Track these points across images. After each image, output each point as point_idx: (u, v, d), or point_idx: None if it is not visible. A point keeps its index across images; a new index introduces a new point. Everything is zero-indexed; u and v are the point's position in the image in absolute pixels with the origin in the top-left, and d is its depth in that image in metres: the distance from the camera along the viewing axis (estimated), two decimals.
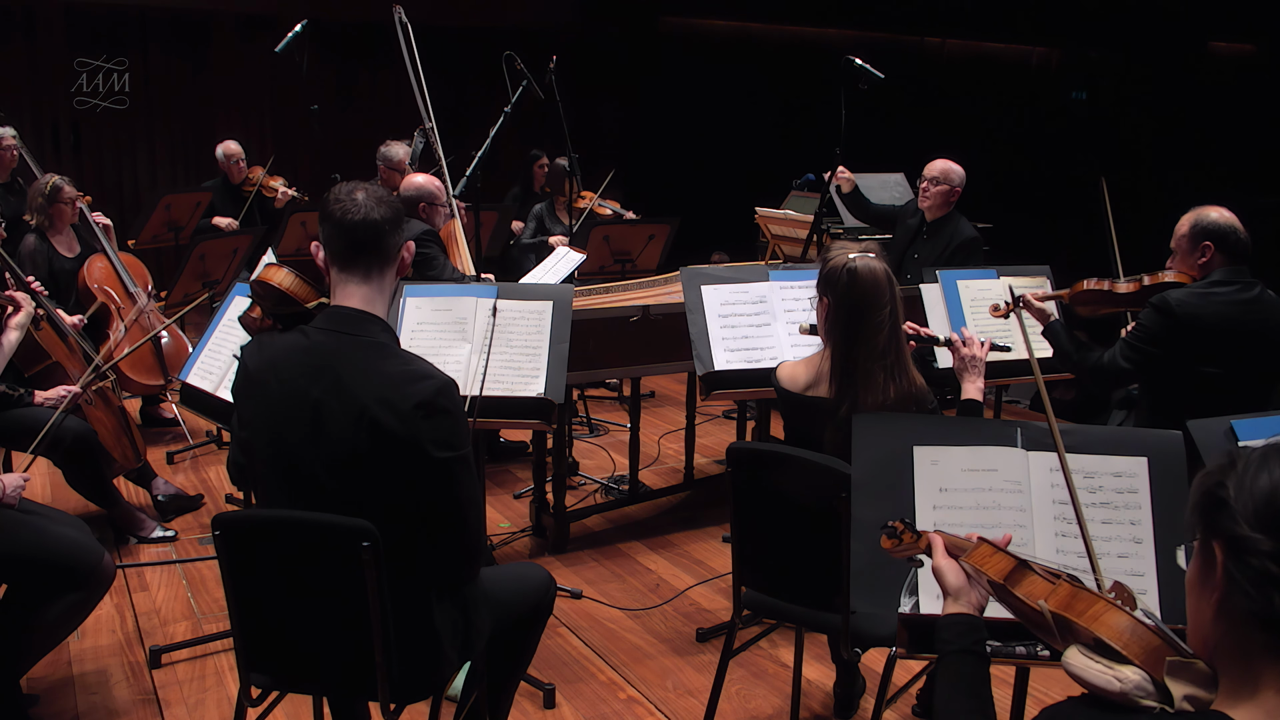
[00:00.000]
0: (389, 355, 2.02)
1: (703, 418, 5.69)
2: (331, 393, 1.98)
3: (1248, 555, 1.10)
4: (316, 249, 2.14)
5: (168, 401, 5.47)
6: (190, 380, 3.45)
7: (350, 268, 2.08)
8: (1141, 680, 1.20)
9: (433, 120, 4.71)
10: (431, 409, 1.96)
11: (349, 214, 2.04)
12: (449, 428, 1.99)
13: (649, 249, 5.64)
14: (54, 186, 4.89)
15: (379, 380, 1.97)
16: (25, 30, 8.32)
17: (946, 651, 1.55)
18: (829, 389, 2.54)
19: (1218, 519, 1.14)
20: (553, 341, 3.38)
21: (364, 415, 1.95)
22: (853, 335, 2.50)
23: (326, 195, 2.11)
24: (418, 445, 1.95)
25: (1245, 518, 1.11)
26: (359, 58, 9.34)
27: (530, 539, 4.33)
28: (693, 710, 3.09)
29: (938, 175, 4.75)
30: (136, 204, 7.94)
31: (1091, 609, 1.33)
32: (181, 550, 4.11)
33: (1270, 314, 3.16)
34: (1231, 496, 1.13)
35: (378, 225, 2.06)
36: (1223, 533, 1.13)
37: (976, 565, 1.54)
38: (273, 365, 2.07)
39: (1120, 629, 1.27)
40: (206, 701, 3.08)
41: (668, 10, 10.83)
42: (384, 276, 2.10)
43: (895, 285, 2.54)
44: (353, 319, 2.05)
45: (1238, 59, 12.35)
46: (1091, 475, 2.11)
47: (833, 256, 2.55)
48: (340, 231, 2.06)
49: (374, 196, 2.07)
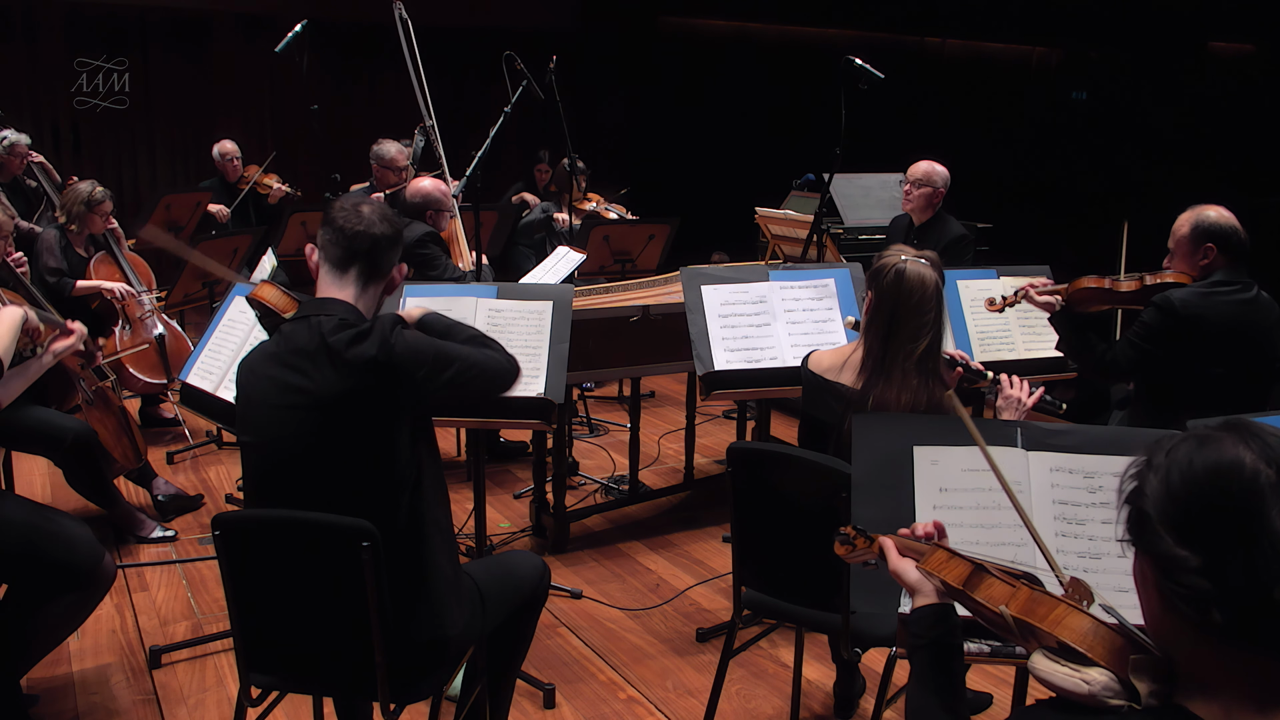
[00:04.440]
0: (344, 325, 2.07)
1: (703, 418, 5.69)
2: (298, 372, 2.06)
3: (1178, 574, 1.07)
4: (311, 251, 2.21)
5: (168, 401, 5.47)
6: (190, 380, 3.44)
7: (341, 272, 2.15)
8: (1109, 681, 1.20)
9: (433, 119, 4.71)
10: (391, 350, 2.04)
11: (351, 224, 2.13)
12: (414, 351, 2.08)
13: (649, 249, 5.64)
14: (96, 198, 5.00)
15: (338, 345, 2.04)
16: (25, 30, 8.32)
17: (915, 647, 1.52)
18: (856, 379, 2.56)
19: (1144, 535, 1.11)
20: (553, 341, 3.38)
21: (327, 381, 2.03)
22: (891, 334, 2.52)
23: (332, 202, 2.17)
24: (399, 382, 2.05)
25: (1168, 530, 1.08)
26: (359, 58, 9.34)
27: (530, 539, 4.33)
28: (693, 710, 3.09)
29: (920, 177, 4.74)
30: (136, 204, 7.94)
31: (1053, 613, 1.32)
32: (181, 550, 4.11)
33: (1267, 314, 3.16)
34: (1151, 508, 1.10)
35: (376, 239, 2.14)
36: (1151, 551, 1.11)
37: (932, 571, 1.52)
38: (250, 366, 2.17)
39: (1083, 632, 1.27)
40: (206, 702, 3.08)
41: (667, 10, 10.84)
42: (371, 288, 2.17)
43: (943, 299, 2.55)
44: (318, 303, 2.14)
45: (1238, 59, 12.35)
46: (1091, 475, 2.11)
47: (889, 254, 2.58)
48: (339, 237, 2.14)
49: (378, 213, 2.16)
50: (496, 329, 3.39)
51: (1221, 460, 1.08)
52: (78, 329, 3.27)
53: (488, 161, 4.22)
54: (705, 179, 9.73)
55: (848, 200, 6.25)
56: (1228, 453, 1.08)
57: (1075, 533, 2.09)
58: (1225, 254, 3.16)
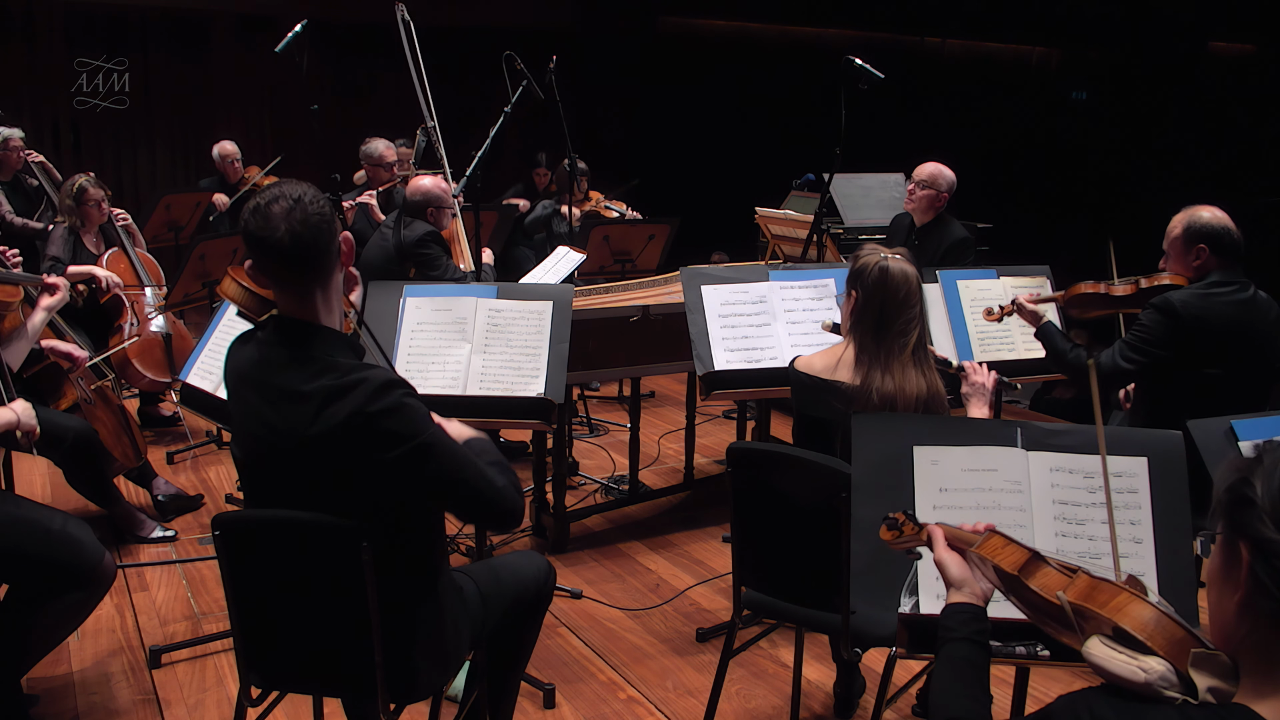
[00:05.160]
0: (325, 370, 1.93)
1: (703, 418, 5.69)
2: (273, 408, 1.96)
3: (1275, 559, 1.08)
4: (250, 267, 1.98)
5: (168, 399, 5.47)
6: (190, 380, 3.44)
7: (288, 288, 1.96)
8: (1166, 671, 1.19)
9: (434, 119, 4.71)
10: (368, 417, 1.88)
11: (267, 236, 1.88)
12: (392, 428, 1.90)
13: (649, 249, 5.64)
14: (80, 188, 4.99)
15: (313, 399, 1.91)
16: (25, 30, 8.32)
17: (948, 639, 1.54)
18: (851, 375, 2.58)
19: (1244, 519, 1.12)
20: (553, 341, 3.38)
21: (298, 434, 1.92)
22: (881, 331, 2.56)
23: (242, 215, 1.95)
24: (366, 452, 1.91)
25: (1273, 518, 1.09)
26: (359, 58, 9.34)
27: (530, 539, 4.33)
28: (693, 710, 3.09)
29: (926, 178, 4.72)
30: (137, 204, 7.93)
31: (1114, 600, 1.32)
32: (181, 550, 4.11)
33: (1265, 314, 3.16)
34: (1258, 495, 1.11)
35: (302, 240, 1.89)
36: (1249, 534, 1.11)
37: (987, 556, 1.52)
38: (232, 379, 2.08)
39: (1145, 620, 1.27)
40: (206, 701, 3.08)
41: (667, 10, 10.84)
42: (328, 282, 1.98)
43: (923, 292, 2.63)
44: (297, 331, 1.97)
45: (1238, 59, 12.35)
46: (1091, 475, 2.11)
47: (865, 254, 2.63)
48: (266, 252, 1.90)
49: (285, 206, 1.88)
50: (496, 329, 3.39)
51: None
52: (60, 282, 3.30)
53: (488, 161, 4.22)
54: (705, 179, 9.73)
55: (848, 200, 6.25)
56: None
57: (1075, 533, 2.09)
58: (1218, 255, 3.15)
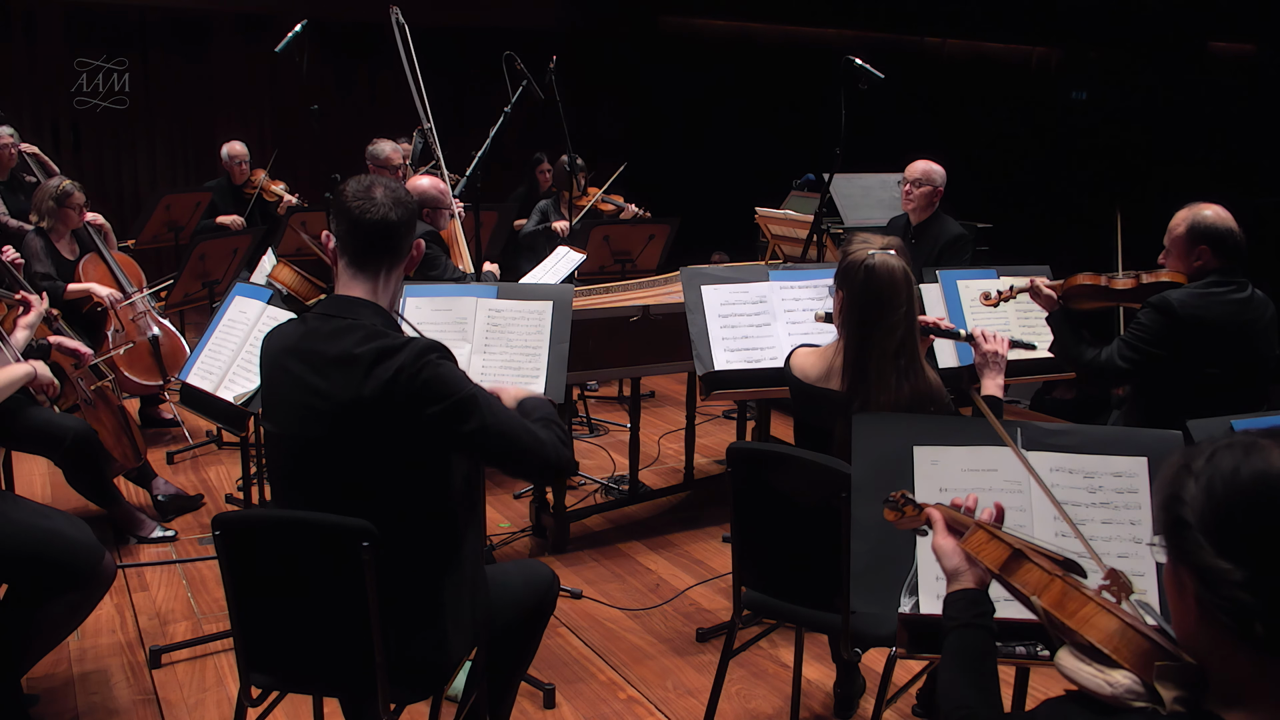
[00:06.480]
0: (374, 335, 2.02)
1: (703, 418, 5.69)
2: (320, 375, 2.01)
3: (1219, 586, 1.04)
4: (328, 238, 2.14)
5: (167, 403, 5.47)
6: (190, 380, 3.44)
7: (361, 265, 2.09)
8: (1132, 684, 1.19)
9: (431, 120, 4.71)
10: (411, 375, 1.96)
11: (366, 213, 2.05)
12: (434, 386, 1.98)
13: (649, 249, 5.64)
14: (64, 191, 4.89)
15: (363, 359, 1.98)
16: (25, 30, 8.33)
17: (950, 628, 1.52)
18: (841, 383, 2.56)
19: (1182, 545, 1.08)
20: (553, 341, 3.37)
21: (349, 395, 1.98)
22: (867, 332, 2.52)
23: (342, 189, 2.10)
24: (410, 409, 1.97)
25: (1210, 541, 1.05)
26: (359, 58, 9.34)
27: (530, 539, 4.33)
28: (693, 710, 3.09)
29: (919, 177, 4.74)
30: (136, 204, 7.95)
31: (1081, 610, 1.31)
32: (181, 550, 4.11)
33: (1262, 313, 3.16)
34: (1192, 516, 1.07)
35: (394, 226, 2.07)
36: (1191, 561, 1.07)
37: (971, 553, 1.53)
38: (273, 354, 2.13)
39: (1110, 633, 1.26)
40: (206, 701, 3.08)
41: (667, 10, 10.84)
42: (392, 273, 2.12)
43: (913, 284, 2.56)
44: (346, 304, 2.08)
45: (1238, 59, 12.35)
46: (1091, 475, 2.11)
47: (853, 250, 2.57)
48: (356, 230, 2.06)
49: (391, 195, 2.07)
50: (496, 329, 3.39)
51: (1270, 469, 1.05)
52: (34, 300, 3.30)
53: (488, 161, 4.22)
54: (705, 179, 9.73)
55: (848, 200, 6.25)
56: (1276, 462, 1.05)
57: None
58: (1219, 256, 3.14)
